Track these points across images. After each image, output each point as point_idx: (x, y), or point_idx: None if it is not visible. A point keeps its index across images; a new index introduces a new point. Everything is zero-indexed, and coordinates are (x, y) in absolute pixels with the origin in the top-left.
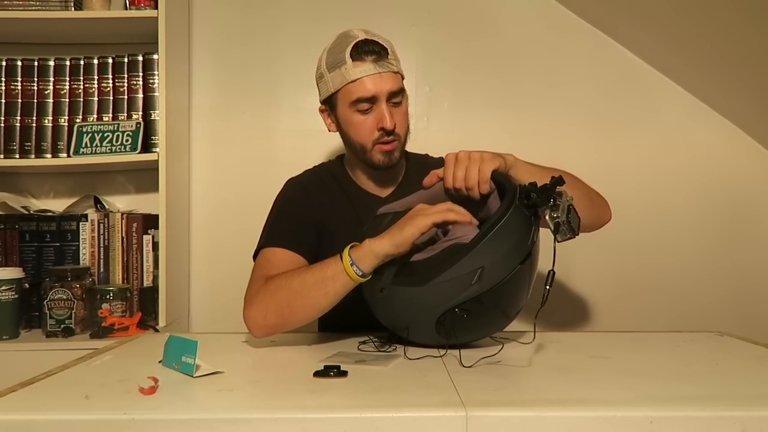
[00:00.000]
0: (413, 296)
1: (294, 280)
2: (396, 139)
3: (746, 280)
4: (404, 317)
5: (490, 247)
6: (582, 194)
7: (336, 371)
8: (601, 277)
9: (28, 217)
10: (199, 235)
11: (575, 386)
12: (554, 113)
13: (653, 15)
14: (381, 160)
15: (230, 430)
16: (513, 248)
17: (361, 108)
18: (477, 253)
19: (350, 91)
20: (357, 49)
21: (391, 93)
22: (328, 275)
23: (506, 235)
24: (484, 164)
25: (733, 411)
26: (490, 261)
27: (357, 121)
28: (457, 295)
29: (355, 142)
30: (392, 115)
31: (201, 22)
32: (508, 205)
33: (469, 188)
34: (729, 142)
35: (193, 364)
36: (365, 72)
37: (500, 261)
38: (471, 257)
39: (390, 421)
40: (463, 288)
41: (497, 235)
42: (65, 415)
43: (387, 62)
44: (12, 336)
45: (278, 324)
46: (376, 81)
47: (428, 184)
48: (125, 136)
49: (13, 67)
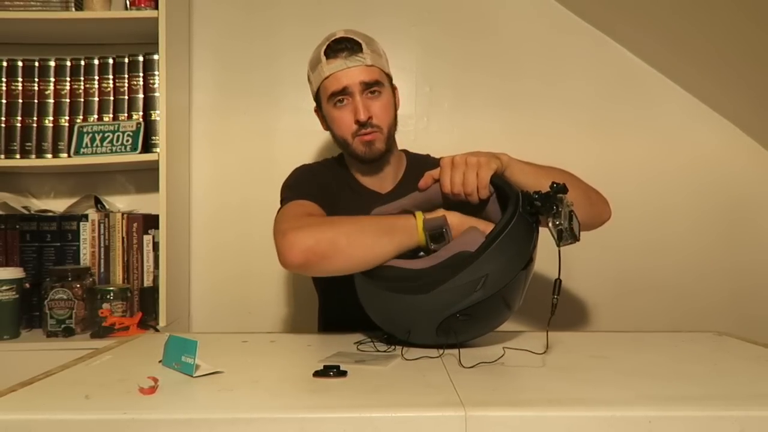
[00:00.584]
0: (416, 303)
1: (357, 219)
2: (375, 130)
3: (746, 280)
4: (405, 322)
5: (495, 255)
6: (580, 193)
7: (335, 371)
8: (601, 277)
9: (28, 217)
10: (199, 235)
11: (575, 386)
12: (554, 113)
13: (653, 15)
14: (363, 151)
15: (230, 429)
16: (516, 255)
17: (337, 102)
18: (482, 261)
19: (326, 87)
20: (330, 48)
21: (364, 84)
22: (398, 226)
23: (510, 244)
24: (482, 169)
25: (733, 411)
26: (494, 268)
27: (336, 116)
28: (460, 302)
29: (338, 137)
30: (367, 107)
31: (201, 22)
32: (512, 214)
33: (467, 194)
34: (729, 142)
35: (193, 364)
36: (337, 68)
37: (504, 268)
38: (476, 266)
39: (389, 421)
40: (467, 295)
41: (502, 244)
42: (65, 415)
43: (359, 56)
44: (12, 336)
45: (327, 254)
46: (347, 74)
47: (424, 186)
48: (126, 137)
49: (14, 67)
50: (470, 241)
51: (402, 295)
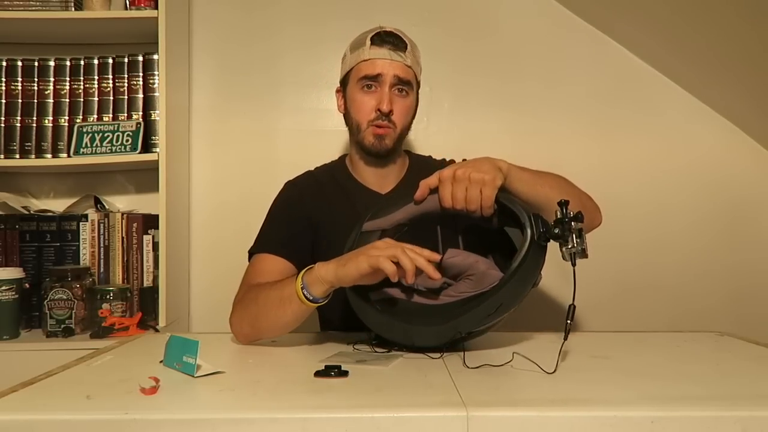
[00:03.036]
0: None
1: (260, 295)
2: (390, 126)
3: (746, 280)
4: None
5: (512, 286)
6: (575, 200)
7: (337, 371)
8: (601, 277)
9: (28, 217)
10: (199, 235)
11: (576, 386)
12: (554, 113)
13: (653, 15)
14: (372, 142)
15: (231, 429)
16: (529, 279)
17: (365, 85)
18: (499, 296)
19: (360, 69)
20: (378, 35)
21: (397, 78)
22: (285, 296)
23: (525, 274)
24: (487, 188)
25: (734, 411)
26: (509, 297)
27: (359, 98)
28: (472, 327)
29: (354, 119)
30: (392, 101)
31: (201, 22)
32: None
33: (470, 211)
34: (729, 142)
35: (194, 364)
36: (379, 55)
37: (517, 294)
38: (492, 300)
39: (391, 421)
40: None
41: (518, 275)
42: (66, 415)
43: (402, 54)
44: (12, 336)
45: (252, 334)
46: (385, 64)
47: (420, 198)
48: (125, 136)
49: (14, 67)
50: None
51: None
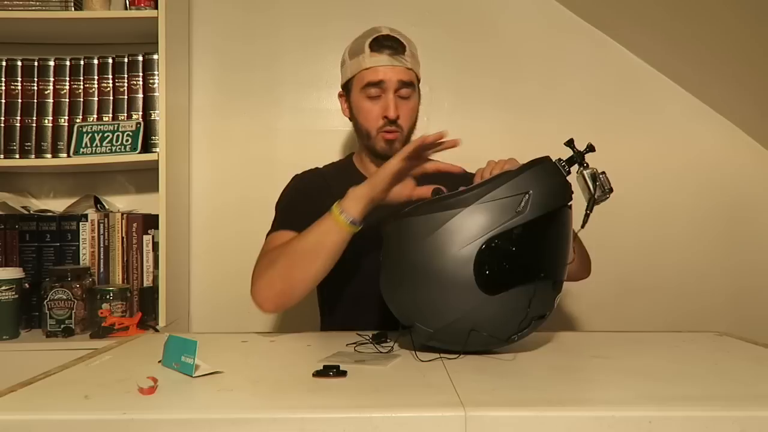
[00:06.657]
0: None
1: (292, 243)
2: (398, 130)
3: (746, 281)
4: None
5: (536, 175)
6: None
7: (335, 371)
8: (601, 277)
9: (28, 217)
10: (199, 235)
11: (575, 386)
12: (554, 113)
13: (653, 15)
14: (383, 148)
15: (230, 430)
16: (557, 185)
17: (369, 94)
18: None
19: (362, 77)
20: (376, 42)
21: (400, 83)
22: (323, 230)
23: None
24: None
25: (733, 411)
26: (535, 187)
27: (365, 107)
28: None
29: (362, 127)
30: (397, 107)
31: (201, 21)
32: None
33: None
34: (729, 142)
35: (193, 364)
36: (379, 62)
37: (546, 191)
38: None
39: (389, 421)
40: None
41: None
42: (65, 415)
43: (402, 58)
44: (12, 336)
45: (285, 291)
46: (386, 70)
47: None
48: (125, 136)
49: (13, 67)
50: None
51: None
